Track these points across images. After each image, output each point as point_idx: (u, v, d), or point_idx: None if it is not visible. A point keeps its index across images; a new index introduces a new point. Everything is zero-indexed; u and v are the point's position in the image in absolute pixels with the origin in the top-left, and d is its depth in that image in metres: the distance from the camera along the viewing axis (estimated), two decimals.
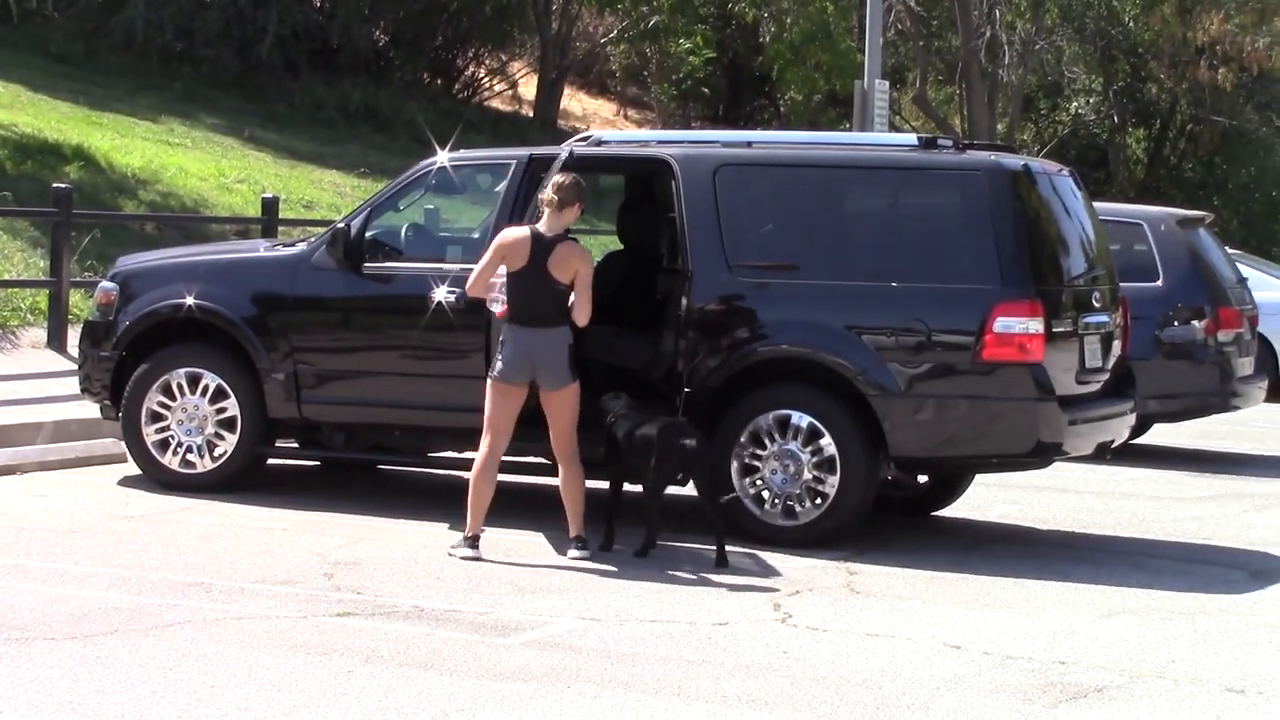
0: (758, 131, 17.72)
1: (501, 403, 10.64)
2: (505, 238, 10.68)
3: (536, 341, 10.57)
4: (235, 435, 12.17)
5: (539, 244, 10.58)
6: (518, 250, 10.58)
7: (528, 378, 10.62)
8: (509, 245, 10.62)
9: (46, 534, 10.71)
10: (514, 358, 10.57)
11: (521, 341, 10.57)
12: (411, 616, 9.09)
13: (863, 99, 24.29)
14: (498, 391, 10.65)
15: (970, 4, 37.74)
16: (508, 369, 10.60)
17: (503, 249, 10.62)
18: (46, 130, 23.72)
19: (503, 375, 10.62)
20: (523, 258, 10.55)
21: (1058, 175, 12.09)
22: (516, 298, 10.59)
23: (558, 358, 10.61)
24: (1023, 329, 10.96)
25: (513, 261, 10.58)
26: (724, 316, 11.41)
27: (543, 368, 10.60)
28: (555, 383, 10.64)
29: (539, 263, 10.55)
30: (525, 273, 10.55)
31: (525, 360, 10.57)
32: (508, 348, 10.60)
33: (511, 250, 10.59)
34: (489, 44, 38.63)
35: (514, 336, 10.59)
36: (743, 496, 11.28)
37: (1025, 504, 13.46)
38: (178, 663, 7.97)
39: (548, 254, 10.56)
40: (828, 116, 38.18)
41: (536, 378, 10.62)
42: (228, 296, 12.27)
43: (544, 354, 10.58)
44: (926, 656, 8.73)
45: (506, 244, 10.63)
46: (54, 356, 16.26)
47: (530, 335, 10.57)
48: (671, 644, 8.75)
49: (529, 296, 10.57)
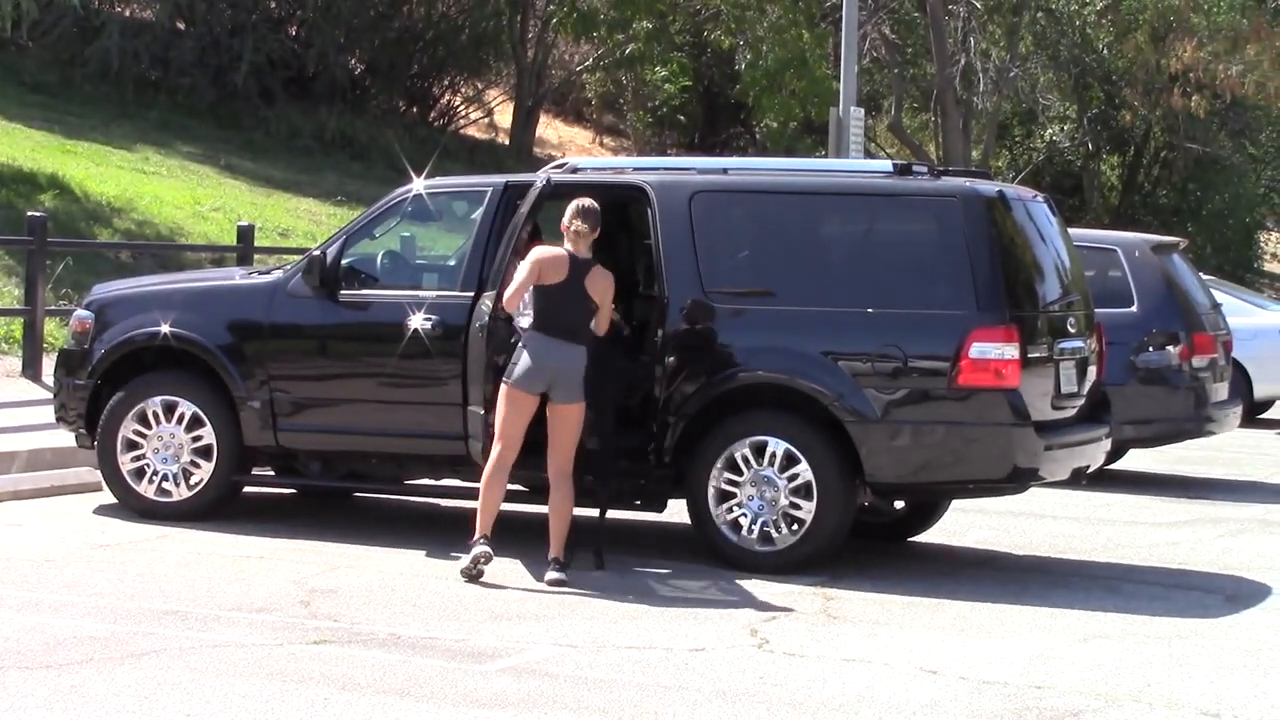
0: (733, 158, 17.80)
1: (514, 410, 10.75)
2: (543, 254, 10.84)
3: (561, 353, 10.72)
4: (211, 463, 12.15)
5: (576, 263, 10.80)
6: (556, 266, 10.76)
7: (543, 388, 10.72)
8: (547, 261, 10.79)
9: (21, 563, 10.68)
10: (534, 366, 10.70)
11: (547, 351, 10.71)
12: (388, 644, 9.07)
13: (838, 126, 24.36)
14: (511, 399, 10.75)
15: (945, 32, 37.90)
16: (526, 376, 10.71)
17: (541, 264, 10.77)
18: (21, 159, 23.70)
19: (519, 382, 10.72)
20: (560, 273, 10.74)
21: (1033, 201, 12.12)
22: (547, 309, 10.75)
23: (576, 372, 10.77)
24: (998, 354, 10.99)
25: (549, 276, 10.75)
26: (700, 343, 11.42)
27: (560, 379, 10.72)
28: (569, 396, 10.75)
29: (578, 279, 10.77)
30: (563, 287, 10.75)
31: (545, 369, 10.69)
32: (530, 355, 10.72)
33: (550, 265, 10.76)
34: (465, 72, 38.67)
35: (538, 345, 10.72)
36: (719, 522, 11.29)
37: (1001, 529, 13.48)
38: (153, 691, 7.95)
39: (586, 273, 10.80)
40: (803, 143, 38.31)
41: (552, 389, 10.73)
42: (203, 324, 12.26)
43: (565, 366, 10.73)
44: (903, 681, 8.73)
45: (545, 259, 10.79)
46: (29, 385, 16.23)
47: (556, 346, 10.72)
48: (648, 670, 8.74)
49: (564, 309, 10.76)
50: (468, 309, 11.46)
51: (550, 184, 11.55)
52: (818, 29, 37.51)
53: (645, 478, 11.60)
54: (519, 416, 10.77)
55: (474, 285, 11.65)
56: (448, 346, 11.59)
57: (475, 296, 11.47)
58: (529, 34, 39.05)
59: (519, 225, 11.30)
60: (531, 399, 10.76)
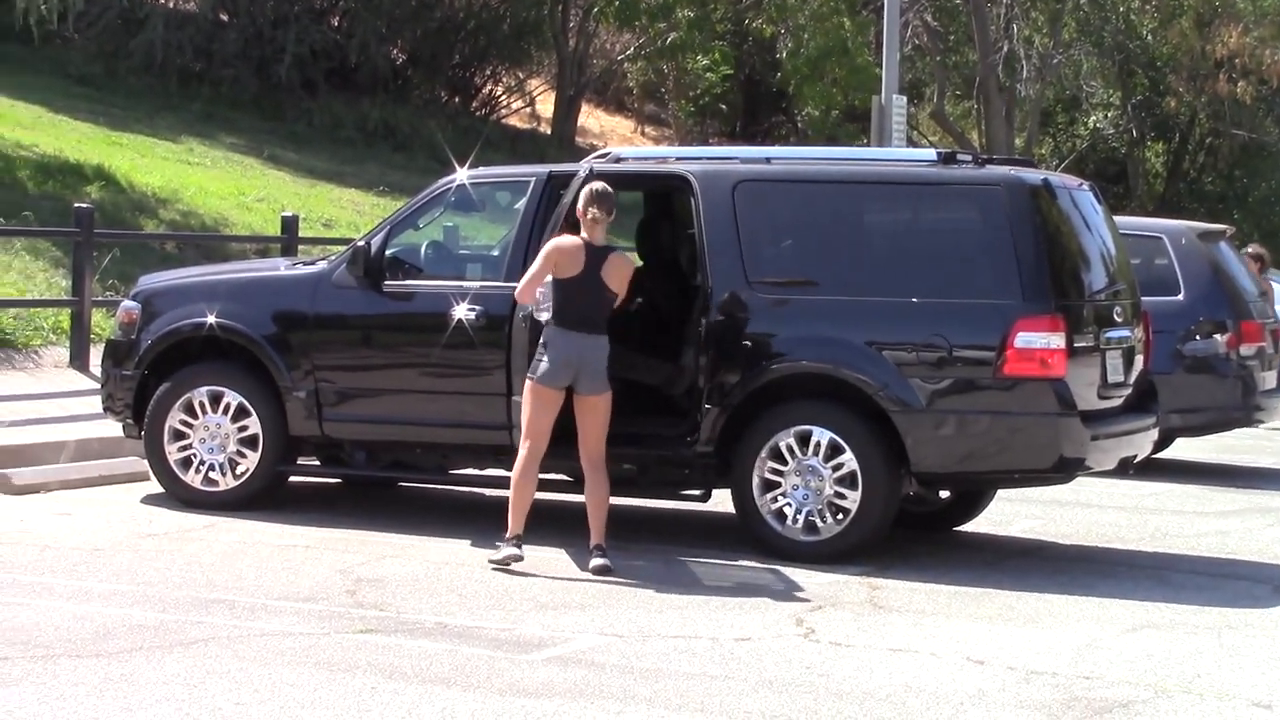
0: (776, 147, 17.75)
1: (541, 406, 10.72)
2: (559, 244, 10.77)
3: (584, 345, 10.69)
4: (257, 453, 12.19)
5: (592, 253, 10.72)
6: (572, 257, 10.70)
7: (569, 381, 10.70)
8: (563, 252, 10.72)
9: (71, 552, 10.73)
10: (559, 360, 10.67)
11: (568, 344, 10.67)
12: (434, 633, 9.09)
13: (880, 114, 24.28)
14: (538, 395, 10.72)
15: (987, 19, 37.77)
16: (551, 372, 10.68)
17: (555, 255, 10.71)
18: (67, 151, 23.80)
19: (545, 378, 10.70)
20: (577, 265, 10.68)
21: (1078, 189, 12.07)
22: (566, 302, 10.70)
23: (600, 363, 10.75)
24: (1044, 344, 10.95)
25: (565, 268, 10.68)
26: (744, 333, 11.41)
27: (585, 371, 10.70)
28: (595, 387, 10.74)
29: (594, 270, 10.69)
30: (580, 279, 10.68)
31: (570, 363, 10.67)
32: (552, 350, 10.69)
33: (566, 257, 10.70)
34: (507, 62, 38.71)
35: (560, 339, 10.68)
36: (764, 512, 11.28)
37: (1048, 519, 13.44)
38: (202, 680, 7.98)
39: (601, 262, 10.72)
40: (846, 132, 38.20)
41: (576, 381, 10.71)
42: (249, 315, 12.30)
43: (589, 358, 10.70)
44: (950, 672, 8.72)
45: (561, 250, 10.73)
46: (76, 376, 16.30)
47: (578, 339, 10.68)
48: (694, 660, 8.74)
49: (582, 301, 10.71)
50: (511, 299, 11.47)
51: (593, 174, 11.54)
52: (859, 16, 37.44)
53: (690, 467, 11.60)
54: (546, 413, 10.74)
55: (517, 275, 11.63)
56: (491, 336, 11.61)
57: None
58: (570, 23, 39.05)
59: (562, 215, 11.30)
60: (558, 394, 10.73)
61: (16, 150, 23.13)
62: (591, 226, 10.78)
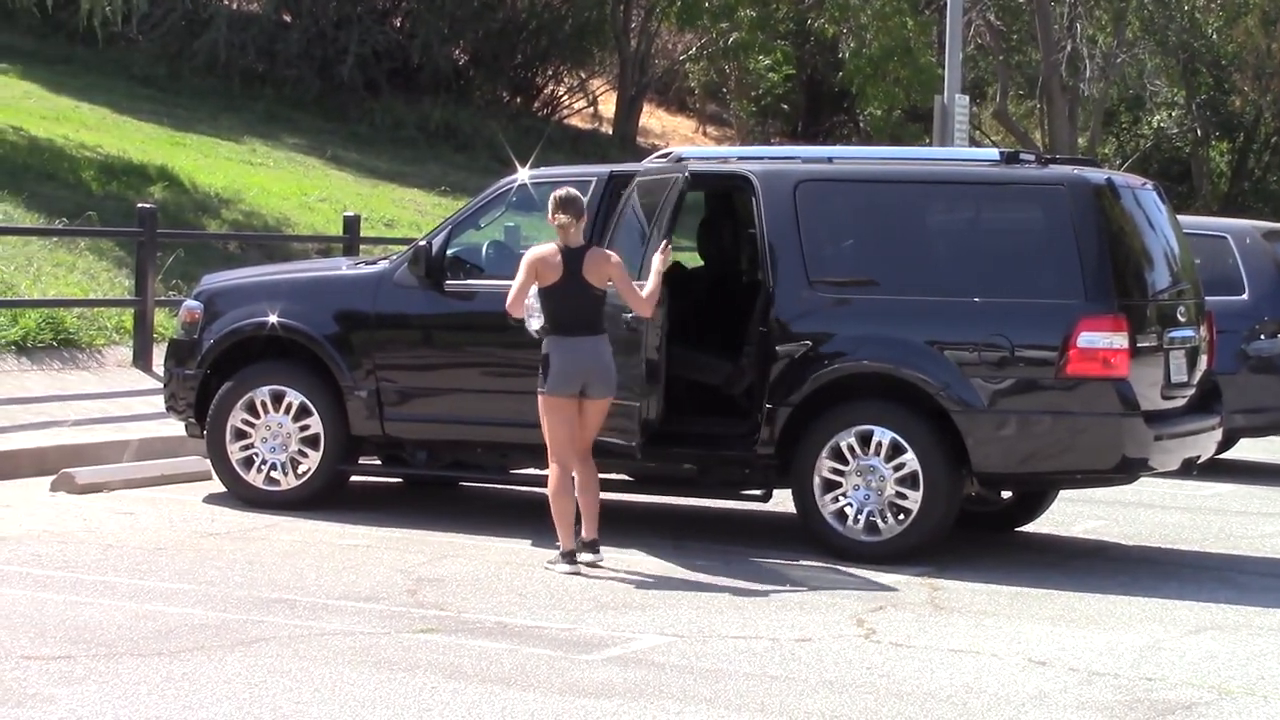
0: (838, 147, 17.68)
1: (559, 419, 10.69)
2: (535, 254, 10.75)
3: (586, 349, 10.68)
4: (318, 452, 12.23)
5: (569, 255, 10.70)
6: (550, 265, 10.69)
7: (578, 387, 10.67)
8: (540, 260, 10.71)
9: (133, 551, 10.80)
10: (565, 368, 10.65)
11: (571, 351, 10.66)
12: (494, 633, 9.10)
13: (943, 114, 24.20)
14: (554, 407, 10.69)
15: (1050, 18, 37.59)
16: (560, 381, 10.66)
17: (534, 265, 10.70)
18: (131, 151, 23.96)
19: (556, 388, 10.66)
20: (556, 271, 10.67)
21: (1141, 189, 12.00)
22: (558, 310, 10.70)
23: (608, 364, 10.75)
24: (1107, 344, 10.89)
25: (546, 276, 10.68)
26: (805, 332, 11.39)
27: (594, 374, 10.69)
28: (605, 390, 10.75)
29: (574, 272, 10.67)
30: (563, 285, 10.67)
31: (578, 369, 10.65)
32: (557, 360, 10.67)
33: (544, 265, 10.69)
34: (568, 62, 38.74)
35: (562, 347, 10.68)
36: (824, 512, 11.25)
37: (1110, 519, 13.36)
38: (263, 679, 8.01)
39: (580, 263, 10.69)
40: (908, 131, 38.09)
41: (587, 386, 10.68)
42: (310, 314, 12.34)
43: (596, 361, 10.69)
44: (1011, 673, 8.67)
45: (538, 259, 10.71)
46: (139, 375, 16.40)
47: (579, 343, 10.67)
48: (754, 660, 8.73)
49: (572, 305, 10.69)
50: None
51: (689, 177, 11.41)
52: (922, 16, 37.34)
53: (750, 467, 11.59)
54: (565, 424, 10.69)
55: None
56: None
57: None
58: (632, 23, 39.06)
59: (666, 218, 11.21)
60: (572, 402, 10.68)
61: (81, 151, 23.30)
62: (562, 232, 10.73)
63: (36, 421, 14.27)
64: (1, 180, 20.19)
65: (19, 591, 9.53)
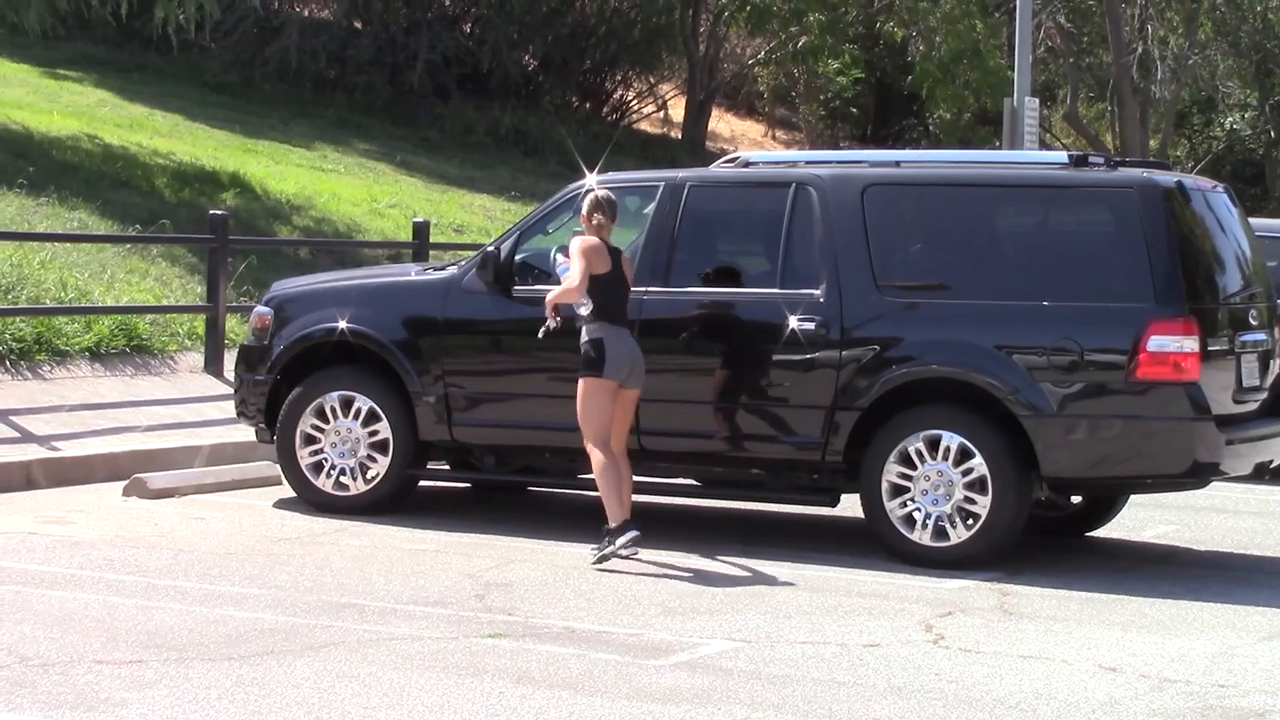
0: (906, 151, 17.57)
1: (600, 402, 11.04)
2: (589, 243, 11.11)
3: (630, 341, 11.15)
4: (387, 458, 12.28)
5: (612, 251, 11.19)
6: (602, 255, 11.10)
7: (625, 376, 11.06)
8: (596, 249, 11.09)
9: (204, 556, 10.87)
10: (620, 355, 11.04)
11: (623, 340, 11.09)
12: (562, 638, 9.12)
13: (1012, 117, 24.10)
14: (599, 390, 11.04)
15: (1121, 19, 37.37)
16: (615, 366, 11.03)
17: (592, 253, 11.04)
18: (204, 158, 24.12)
19: (610, 372, 11.02)
20: (606, 263, 11.09)
21: (1212, 192, 11.92)
22: (607, 299, 11.11)
23: (641, 357, 11.17)
24: (1178, 348, 10.83)
25: (599, 265, 11.06)
26: (873, 336, 11.36)
27: (636, 365, 11.13)
28: (640, 381, 11.18)
29: (618, 265, 11.13)
30: (611, 276, 11.10)
31: (627, 358, 11.05)
32: (613, 346, 11.02)
33: (598, 255, 11.08)
34: (637, 67, 38.76)
35: (615, 334, 11.06)
36: (893, 517, 11.22)
37: (1182, 524, 13.28)
38: (332, 684, 8.05)
39: (619, 257, 11.21)
40: (978, 135, 37.94)
41: (629, 376, 11.09)
42: (379, 320, 12.39)
43: (637, 352, 11.14)
44: (1082, 679, 8.63)
45: (594, 247, 11.10)
46: (211, 381, 16.51)
47: (623, 333, 11.12)
48: (823, 666, 8.71)
49: (619, 296, 11.16)
50: (638, 304, 11.51)
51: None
52: (992, 19, 37.16)
53: (818, 472, 11.57)
54: (605, 409, 11.05)
55: (646, 280, 11.69)
56: None
57: (645, 291, 11.56)
58: (701, 28, 39.06)
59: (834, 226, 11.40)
60: (615, 387, 11.04)
61: (154, 158, 23.48)
62: (600, 231, 11.14)
63: (110, 427, 14.39)
64: (77, 188, 20.37)
65: (92, 596, 9.61)
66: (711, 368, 11.66)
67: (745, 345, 11.61)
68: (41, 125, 23.87)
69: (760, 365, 11.56)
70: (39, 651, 8.37)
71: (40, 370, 15.46)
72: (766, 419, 11.55)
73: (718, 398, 11.61)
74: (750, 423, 11.57)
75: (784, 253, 11.62)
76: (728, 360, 11.61)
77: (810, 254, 11.57)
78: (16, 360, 15.31)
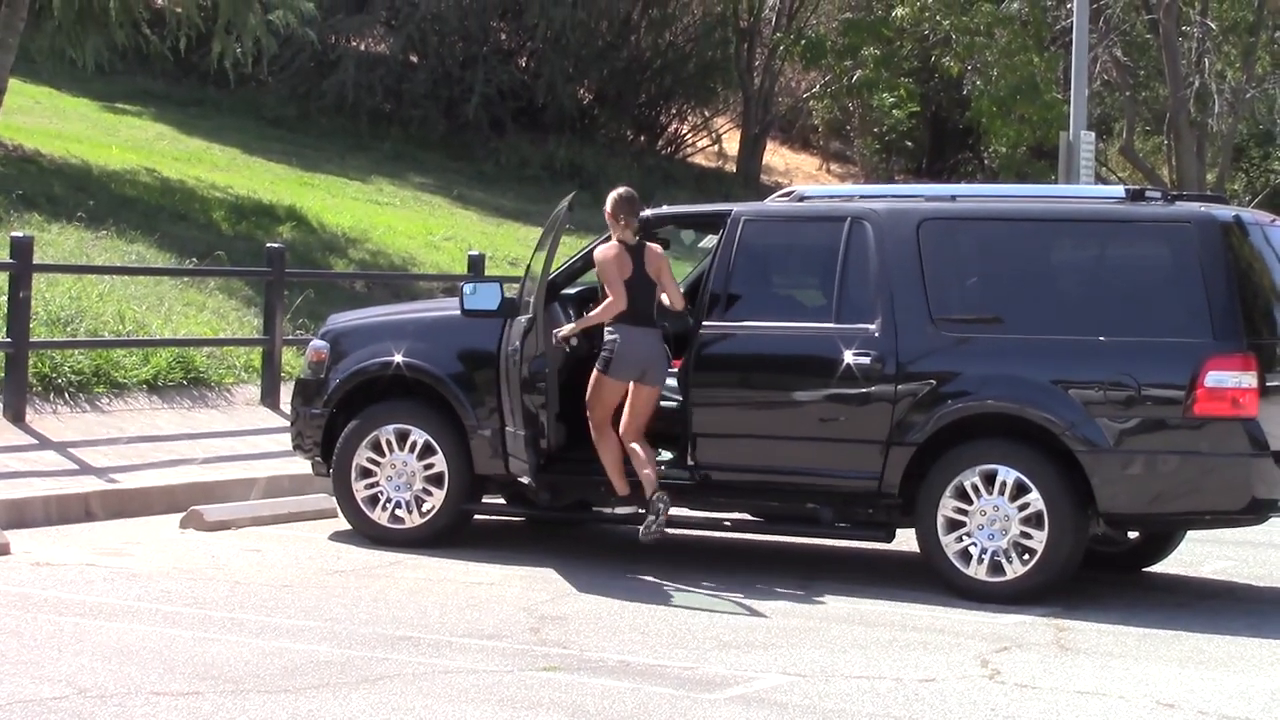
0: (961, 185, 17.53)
1: (607, 398, 11.54)
2: (613, 251, 11.59)
3: (651, 341, 11.56)
4: (443, 491, 12.30)
5: (632, 251, 11.58)
6: (624, 261, 11.54)
7: (638, 375, 11.48)
8: (619, 256, 11.55)
9: (260, 588, 10.90)
10: (632, 356, 11.48)
11: (640, 341, 11.51)
12: (617, 671, 9.11)
13: (1068, 150, 24.07)
14: (607, 387, 11.53)
15: (1178, 53, 37.25)
16: (623, 368, 11.49)
17: (612, 266, 11.52)
18: (261, 191, 24.28)
19: (618, 374, 11.49)
20: (629, 267, 11.49)
21: (1270, 226, 11.86)
22: (629, 303, 11.50)
23: (663, 357, 11.61)
24: (1235, 383, 10.77)
25: (624, 271, 11.51)
26: (928, 371, 11.34)
27: (654, 364, 11.55)
28: (659, 379, 11.58)
29: (639, 265, 11.52)
30: (634, 279, 11.50)
31: (642, 358, 11.47)
32: (625, 346, 11.48)
33: (620, 262, 11.53)
34: (692, 100, 38.87)
35: (631, 336, 11.50)
36: (948, 552, 11.19)
37: (1240, 560, 13.19)
38: (387, 716, 8.06)
39: (641, 257, 11.58)
40: (1034, 168, 37.85)
41: (644, 374, 11.47)
42: (435, 354, 12.42)
43: (655, 354, 11.56)
44: (1139, 715, 8.58)
45: (617, 255, 11.57)
46: (267, 413, 16.58)
47: (645, 335, 11.55)
48: (878, 700, 8.68)
49: (642, 297, 11.55)
50: (694, 338, 11.56)
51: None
52: (1048, 53, 37.11)
53: (874, 506, 11.54)
54: (610, 405, 11.55)
55: (700, 313, 11.70)
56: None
57: (697, 324, 11.61)
58: (756, 62, 39.13)
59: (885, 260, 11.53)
60: (625, 387, 11.49)
61: (211, 192, 23.64)
62: (624, 229, 11.56)
63: (167, 459, 14.47)
64: (135, 221, 20.52)
65: (149, 627, 9.65)
66: (767, 402, 11.66)
67: (800, 379, 11.60)
68: (100, 159, 24.07)
69: (815, 399, 11.55)
70: (96, 683, 8.42)
71: (98, 402, 15.57)
72: (822, 454, 11.53)
73: (773, 432, 11.60)
74: (805, 457, 11.55)
75: (839, 287, 11.62)
76: (783, 395, 11.60)
77: (865, 288, 11.56)
78: (75, 392, 15.42)
